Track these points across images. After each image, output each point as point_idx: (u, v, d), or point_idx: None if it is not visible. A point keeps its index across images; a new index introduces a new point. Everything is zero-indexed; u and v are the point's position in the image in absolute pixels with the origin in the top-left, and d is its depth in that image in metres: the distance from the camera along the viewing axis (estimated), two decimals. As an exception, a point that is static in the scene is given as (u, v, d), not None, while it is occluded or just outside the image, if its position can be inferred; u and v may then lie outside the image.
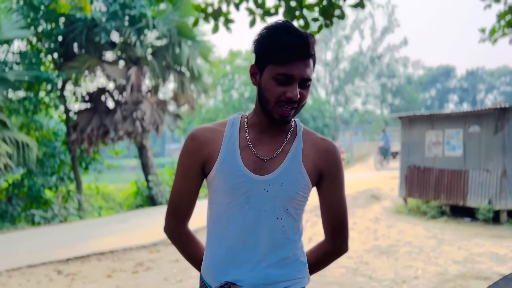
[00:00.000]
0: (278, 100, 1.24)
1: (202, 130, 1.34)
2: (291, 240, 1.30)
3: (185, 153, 1.33)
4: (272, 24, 1.27)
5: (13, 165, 9.64)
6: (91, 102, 12.61)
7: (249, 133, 1.32)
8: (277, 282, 1.26)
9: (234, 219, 1.28)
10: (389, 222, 7.89)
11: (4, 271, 4.82)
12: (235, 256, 1.27)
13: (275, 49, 1.22)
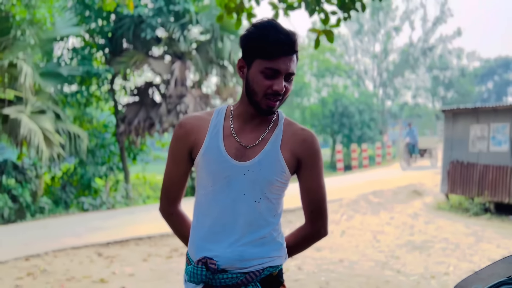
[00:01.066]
0: (266, 93, 1.34)
1: (190, 118, 1.46)
2: (268, 221, 1.38)
3: (174, 140, 1.46)
4: (260, 22, 1.37)
5: (65, 155, 10.29)
6: (139, 96, 13.14)
7: (233, 122, 1.42)
8: (251, 259, 1.36)
9: (215, 201, 1.38)
10: (428, 218, 7.70)
11: (51, 252, 5.23)
12: (214, 235, 1.37)
13: (263, 45, 1.31)
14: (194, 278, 1.33)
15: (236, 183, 1.36)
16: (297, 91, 26.70)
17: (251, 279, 1.35)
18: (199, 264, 1.33)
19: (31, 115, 9.17)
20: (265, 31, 1.32)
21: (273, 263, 1.39)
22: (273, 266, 1.39)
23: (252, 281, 1.35)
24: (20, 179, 10.63)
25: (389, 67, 36.07)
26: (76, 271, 4.75)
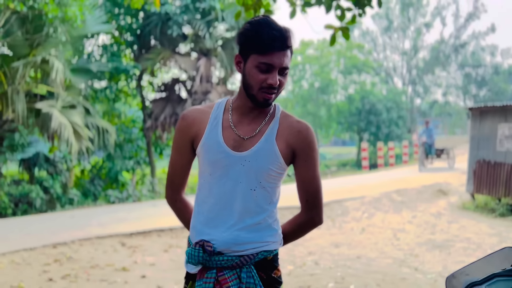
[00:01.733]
0: (261, 86, 1.40)
1: (192, 111, 1.54)
2: (263, 208, 1.45)
3: (178, 131, 1.54)
4: (254, 19, 1.44)
5: (94, 149, 10.62)
6: (165, 92, 13.41)
7: (232, 115, 1.49)
8: (246, 243, 1.43)
9: (214, 188, 1.46)
10: (452, 218, 7.58)
11: (77, 240, 5.46)
12: (212, 220, 1.45)
13: (258, 41, 1.38)
14: (192, 259, 1.42)
15: (234, 172, 1.44)
16: (323, 88, 26.53)
17: (245, 262, 1.41)
18: (197, 246, 1.42)
19: (62, 110, 9.51)
20: (259, 28, 1.38)
21: (267, 247, 1.45)
22: (267, 251, 1.46)
23: (246, 264, 1.41)
24: (51, 171, 11.05)
25: (419, 64, 35.34)
26: (100, 259, 4.95)
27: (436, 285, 4.26)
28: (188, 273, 1.50)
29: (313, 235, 6.40)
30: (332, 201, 8.44)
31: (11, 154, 10.15)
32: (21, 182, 11.33)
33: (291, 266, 4.82)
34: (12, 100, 8.71)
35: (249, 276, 1.41)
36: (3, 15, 8.26)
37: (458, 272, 1.67)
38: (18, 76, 8.64)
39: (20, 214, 9.60)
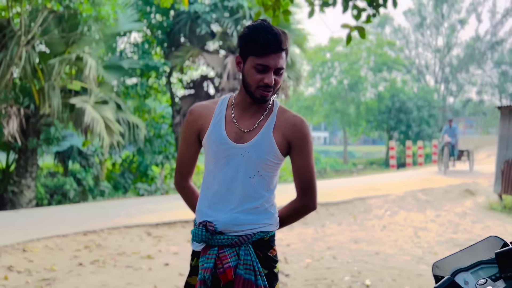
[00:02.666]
0: (258, 85, 1.56)
1: (198, 106, 1.70)
2: (261, 194, 1.61)
3: (186, 124, 1.71)
4: (252, 24, 1.59)
5: (124, 143, 11.01)
6: (194, 89, 13.69)
7: (234, 110, 1.65)
8: (244, 224, 1.58)
9: (218, 176, 1.62)
10: (477, 218, 7.49)
11: (106, 229, 5.75)
12: (215, 204, 1.61)
13: (255, 44, 1.53)
14: (196, 238, 1.59)
15: (234, 162, 1.60)
16: (352, 85, 26.31)
17: (244, 241, 1.57)
18: (200, 226, 1.58)
19: (95, 105, 9.91)
20: (256, 33, 1.53)
21: (264, 229, 1.61)
22: (264, 232, 1.61)
23: (244, 243, 1.57)
24: (84, 164, 11.53)
25: (453, 62, 34.45)
26: (126, 247, 5.21)
27: (452, 282, 4.28)
28: (194, 250, 1.67)
29: (333, 231, 6.50)
30: (355, 198, 8.47)
31: (47, 147, 10.65)
32: (56, 174, 11.88)
33: (309, 260, 4.93)
34: (48, 95, 9.16)
35: (247, 254, 1.56)
36: (41, 15, 8.68)
37: (445, 260, 1.76)
38: (54, 73, 9.06)
39: (54, 204, 10.10)
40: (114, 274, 4.33)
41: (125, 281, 4.13)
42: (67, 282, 4.08)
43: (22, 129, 9.40)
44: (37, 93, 9.54)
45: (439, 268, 1.69)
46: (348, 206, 7.99)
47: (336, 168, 22.11)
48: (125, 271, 4.43)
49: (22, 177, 9.95)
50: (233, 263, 1.54)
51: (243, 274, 1.54)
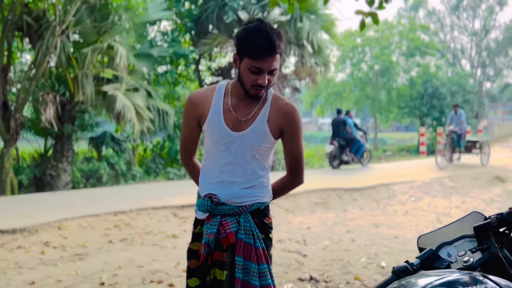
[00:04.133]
0: (252, 85, 1.70)
1: (197, 94, 1.85)
2: (259, 174, 1.81)
3: (186, 110, 1.87)
4: (249, 26, 1.69)
5: (153, 129, 11.36)
6: (222, 76, 13.89)
7: (231, 99, 1.79)
8: (243, 197, 1.79)
9: (218, 160, 1.81)
10: (504, 205, 7.37)
11: (135, 210, 6.05)
12: (218, 183, 1.80)
13: (250, 48, 1.65)
14: (202, 208, 1.78)
15: (233, 148, 1.78)
16: (383, 71, 25.83)
17: (243, 210, 1.78)
18: (206, 198, 1.77)
19: (126, 92, 10.26)
20: (252, 36, 1.63)
21: (260, 200, 1.82)
22: (260, 203, 1.82)
23: (244, 212, 1.78)
24: (117, 149, 11.98)
25: (490, 45, 33.18)
26: (153, 227, 5.49)
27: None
28: (197, 219, 1.86)
29: (354, 215, 6.58)
30: (379, 184, 8.48)
31: (81, 133, 11.14)
32: (91, 159, 12.42)
33: (327, 242, 5.06)
34: (82, 83, 9.56)
35: (246, 221, 1.77)
36: (74, 5, 9.04)
37: (430, 234, 1.88)
38: (87, 61, 9.44)
39: (89, 188, 10.59)
40: (141, 251, 4.61)
41: (151, 258, 4.40)
42: (98, 257, 4.39)
43: (58, 116, 9.87)
44: (71, 81, 9.97)
45: (424, 241, 1.81)
46: (371, 191, 8.02)
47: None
48: (151, 249, 4.70)
49: (59, 161, 10.48)
50: (234, 229, 1.75)
51: (243, 238, 1.76)
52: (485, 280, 1.34)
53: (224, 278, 1.76)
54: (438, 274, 1.37)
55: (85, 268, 4.07)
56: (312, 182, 8.74)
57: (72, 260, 4.29)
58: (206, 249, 1.74)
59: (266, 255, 1.79)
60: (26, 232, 4.91)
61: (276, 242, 5.05)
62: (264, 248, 1.78)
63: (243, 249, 1.74)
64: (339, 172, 10.97)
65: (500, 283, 1.36)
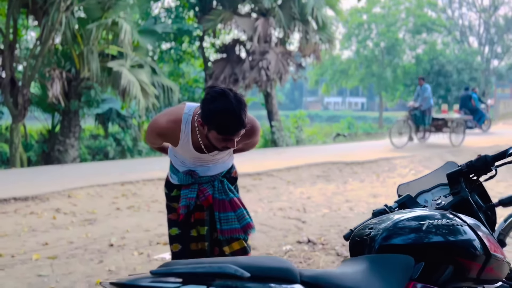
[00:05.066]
0: (222, 147, 1.86)
1: (163, 129, 1.94)
2: (228, 165, 2.20)
3: (151, 134, 2.01)
4: (216, 106, 1.72)
5: (158, 105, 11.50)
6: (226, 53, 13.92)
7: (200, 138, 1.93)
8: (216, 170, 2.13)
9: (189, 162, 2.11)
10: (503, 177, 7.48)
11: (141, 180, 6.26)
12: (194, 167, 2.10)
13: (220, 128, 1.74)
14: (184, 182, 2.10)
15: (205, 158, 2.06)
16: (388, 48, 25.64)
17: (216, 177, 2.15)
18: (187, 174, 2.09)
19: (131, 69, 10.37)
20: (222, 118, 1.71)
21: (227, 167, 2.19)
22: (227, 168, 2.20)
23: (216, 179, 2.15)
24: (123, 125, 12.18)
25: (499, 22, 32.64)
26: (159, 196, 5.70)
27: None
28: (172, 184, 2.16)
29: (354, 187, 6.75)
30: (380, 158, 8.62)
31: (88, 109, 11.31)
32: (98, 137, 12.64)
33: (326, 210, 5.25)
34: (87, 59, 9.68)
35: (219, 183, 2.12)
36: (78, -19, 9.09)
37: (409, 183, 2.04)
38: (92, 38, 9.53)
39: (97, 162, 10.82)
40: (147, 218, 4.82)
41: (156, 223, 4.61)
42: (106, 222, 4.61)
43: (64, 92, 10.03)
44: (77, 57, 10.09)
45: (404, 190, 1.97)
46: (372, 165, 8.17)
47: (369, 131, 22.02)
48: (157, 215, 4.91)
49: (66, 136, 10.70)
50: (211, 191, 2.09)
51: (218, 197, 2.10)
52: (453, 217, 1.50)
53: (205, 232, 2.12)
54: (411, 211, 1.54)
55: (94, 231, 4.29)
56: (314, 156, 8.91)
57: (82, 225, 4.51)
58: (185, 210, 2.07)
59: (241, 201, 2.14)
60: (38, 200, 5.13)
61: (277, 210, 5.24)
62: (239, 197, 2.13)
63: (218, 205, 2.09)
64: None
65: (466, 220, 1.52)
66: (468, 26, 33.19)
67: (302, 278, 1.14)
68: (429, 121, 10.48)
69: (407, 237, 1.40)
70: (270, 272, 1.09)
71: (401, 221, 1.46)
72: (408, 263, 1.34)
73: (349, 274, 1.26)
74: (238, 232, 2.07)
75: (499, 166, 1.76)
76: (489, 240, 1.52)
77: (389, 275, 1.30)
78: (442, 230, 1.41)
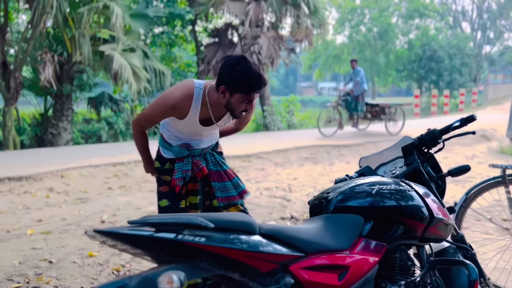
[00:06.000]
0: (241, 111, 2.02)
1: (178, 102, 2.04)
2: (216, 137, 2.38)
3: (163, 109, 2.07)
4: (241, 67, 1.91)
5: (150, 89, 11.59)
6: (218, 37, 13.96)
7: (211, 108, 2.08)
8: (207, 143, 2.29)
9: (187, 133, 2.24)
10: (484, 160, 7.74)
11: (133, 162, 6.39)
12: (188, 140, 2.25)
13: (246, 87, 1.92)
14: (179, 154, 2.23)
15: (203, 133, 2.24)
16: (381, 33, 25.71)
17: (206, 151, 2.31)
18: (183, 147, 2.23)
19: (122, 53, 10.44)
20: (247, 77, 1.90)
21: (215, 141, 2.37)
22: (214, 143, 2.37)
23: (207, 151, 2.31)
24: (115, 109, 12.27)
25: (492, 7, 32.76)
26: (150, 176, 5.84)
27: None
28: (165, 158, 2.27)
29: (340, 168, 6.96)
30: (367, 141, 8.83)
31: (80, 93, 11.39)
32: (91, 121, 12.73)
33: (311, 189, 5.45)
34: (79, 43, 9.73)
35: (210, 155, 2.29)
36: (69, -36, 9.07)
37: (370, 156, 2.23)
38: (83, 21, 9.56)
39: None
40: (138, 196, 5.00)
41: (148, 201, 4.79)
42: (98, 201, 4.78)
43: (56, 76, 10.10)
44: (69, 41, 10.13)
45: (365, 162, 2.16)
46: (359, 148, 8.37)
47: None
48: (148, 194, 5.09)
49: (59, 120, 10.80)
50: (204, 163, 2.26)
51: (213, 168, 2.28)
52: (402, 184, 1.69)
53: (198, 201, 2.29)
54: (366, 178, 1.73)
55: (87, 209, 4.46)
56: (303, 140, 9.10)
57: (75, 203, 4.68)
58: (181, 181, 2.21)
59: (233, 171, 2.32)
60: (32, 180, 5.29)
61: (264, 189, 5.44)
62: (229, 167, 2.32)
63: (215, 176, 2.26)
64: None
65: (414, 186, 1.71)
66: (461, 11, 33.28)
67: (261, 230, 1.32)
68: (362, 108, 9.66)
69: (358, 199, 1.59)
70: (233, 225, 1.27)
71: (355, 186, 1.65)
72: (357, 222, 1.53)
73: (303, 229, 1.45)
74: (235, 199, 2.27)
75: (446, 140, 1.94)
76: (434, 204, 1.71)
77: (340, 231, 1.49)
78: (391, 194, 1.60)
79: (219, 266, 1.21)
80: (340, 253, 1.43)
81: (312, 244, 1.39)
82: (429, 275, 1.65)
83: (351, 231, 1.50)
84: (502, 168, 2.80)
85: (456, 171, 1.96)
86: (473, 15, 33.14)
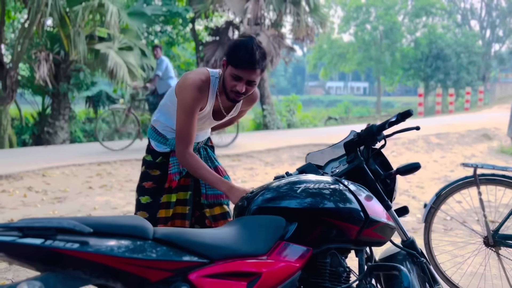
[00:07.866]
0: (231, 90, 1.90)
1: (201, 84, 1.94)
2: (209, 132, 2.30)
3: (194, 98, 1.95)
4: (240, 39, 1.88)
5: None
6: (218, 35, 13.85)
7: (221, 103, 2.02)
8: (201, 138, 2.20)
9: None
10: (482, 160, 7.52)
11: (119, 161, 6.31)
12: None
13: (234, 58, 1.84)
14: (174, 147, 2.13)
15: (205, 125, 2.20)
16: (387, 31, 25.40)
17: (201, 144, 2.23)
18: None
19: (119, 51, 10.37)
20: (237, 48, 1.83)
21: (207, 136, 2.29)
22: (207, 138, 2.29)
23: (201, 146, 2.23)
24: (113, 108, 12.21)
25: (501, 5, 32.22)
26: (134, 175, 5.77)
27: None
28: (157, 152, 2.15)
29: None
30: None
31: (77, 91, 11.35)
32: (93, 119, 12.70)
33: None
34: (75, 42, 9.68)
35: (203, 150, 2.20)
36: (63, -38, 9.03)
37: (318, 152, 2.08)
38: (78, 19, 9.51)
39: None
40: (117, 196, 4.91)
41: (126, 201, 4.69)
42: (76, 200, 4.69)
43: (53, 74, 10.06)
44: (65, 39, 10.09)
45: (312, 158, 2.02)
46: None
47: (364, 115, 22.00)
48: (128, 194, 4.99)
49: (56, 119, 10.78)
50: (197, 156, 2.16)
51: None
52: (337, 183, 1.55)
53: (188, 197, 2.18)
54: (296, 177, 1.59)
55: (62, 209, 4.38)
56: (298, 139, 8.95)
57: (52, 203, 4.60)
58: (177, 176, 2.10)
59: (224, 169, 2.23)
60: (11, 178, 5.23)
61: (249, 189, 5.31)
62: (220, 164, 2.23)
63: None
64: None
65: (350, 186, 1.57)
66: (470, 9, 32.79)
67: (155, 235, 1.19)
68: None
69: (280, 200, 1.46)
70: (119, 229, 1.14)
71: (278, 186, 1.51)
72: (278, 224, 1.39)
73: (211, 233, 1.32)
74: (222, 198, 2.17)
75: (388, 136, 1.81)
76: (373, 204, 1.57)
77: (256, 234, 1.35)
78: (318, 194, 1.46)
79: (97, 275, 1.08)
80: (253, 259, 1.30)
81: (219, 249, 1.26)
82: (364, 281, 1.51)
83: (270, 234, 1.37)
84: (473, 167, 2.64)
85: (405, 169, 1.81)
86: (482, 13, 32.63)
